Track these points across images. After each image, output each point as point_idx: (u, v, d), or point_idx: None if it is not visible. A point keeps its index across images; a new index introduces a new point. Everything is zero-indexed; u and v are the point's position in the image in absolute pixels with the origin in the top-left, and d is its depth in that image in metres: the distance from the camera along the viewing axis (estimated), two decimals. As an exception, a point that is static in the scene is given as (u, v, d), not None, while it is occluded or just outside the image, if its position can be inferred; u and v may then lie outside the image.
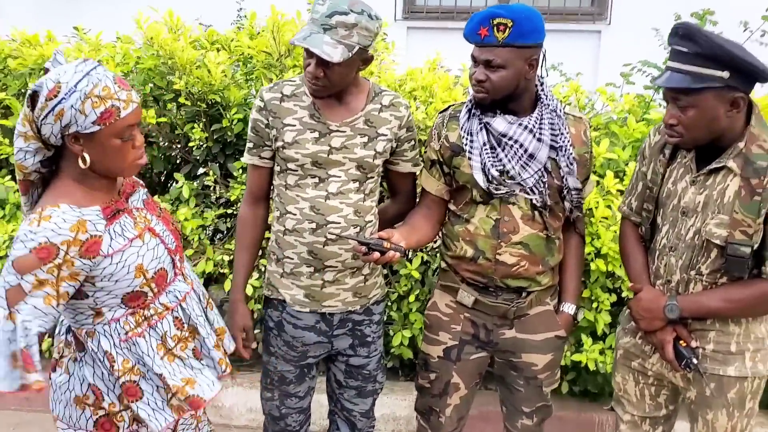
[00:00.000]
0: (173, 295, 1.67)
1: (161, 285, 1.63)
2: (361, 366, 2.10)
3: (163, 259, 1.62)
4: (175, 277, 1.68)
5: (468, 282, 2.03)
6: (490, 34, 1.81)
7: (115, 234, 1.55)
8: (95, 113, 1.44)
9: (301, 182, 1.94)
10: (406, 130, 2.02)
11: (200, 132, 2.82)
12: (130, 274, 1.55)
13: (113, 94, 1.46)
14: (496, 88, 1.85)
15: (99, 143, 1.48)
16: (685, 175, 1.84)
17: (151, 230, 1.63)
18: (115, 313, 1.59)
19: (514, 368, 2.08)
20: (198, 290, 1.78)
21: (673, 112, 1.75)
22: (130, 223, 1.59)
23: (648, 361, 1.97)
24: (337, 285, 1.98)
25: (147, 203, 1.70)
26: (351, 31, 1.78)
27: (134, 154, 1.55)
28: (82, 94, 1.43)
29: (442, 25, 5.78)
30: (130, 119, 1.50)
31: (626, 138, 2.77)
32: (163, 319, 1.64)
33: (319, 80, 1.84)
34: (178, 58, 2.76)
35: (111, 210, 1.56)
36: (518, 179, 1.91)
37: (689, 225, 1.82)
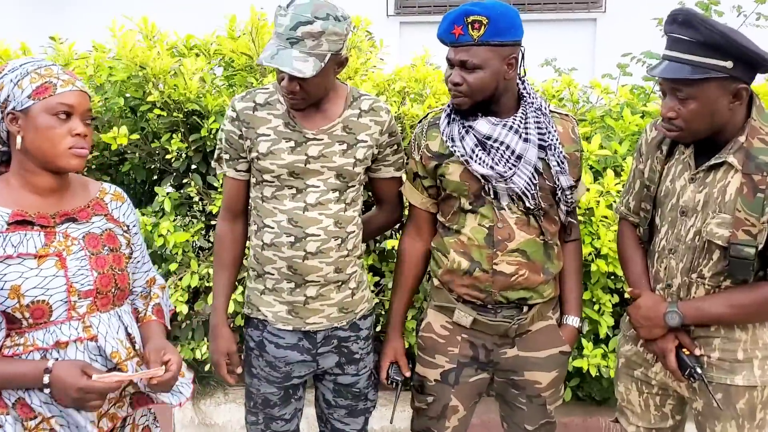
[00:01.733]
0: (50, 336, 1.47)
1: (39, 318, 1.45)
2: (350, 384, 1.99)
3: (52, 294, 1.45)
4: (68, 320, 1.48)
5: (464, 300, 1.91)
6: (465, 32, 1.71)
7: (9, 243, 1.44)
8: (31, 87, 1.44)
9: (278, 194, 1.84)
10: (389, 135, 1.91)
11: (179, 143, 2.72)
12: (3, 291, 1.42)
13: (53, 74, 1.46)
14: (474, 91, 1.75)
15: (32, 120, 1.44)
16: (684, 172, 1.73)
17: (61, 259, 1.47)
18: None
19: (516, 386, 1.97)
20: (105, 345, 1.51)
21: (672, 105, 1.63)
22: (37, 240, 1.46)
23: (651, 370, 1.86)
24: (321, 300, 1.88)
25: (91, 237, 1.54)
26: (319, 39, 1.67)
27: (70, 141, 1.45)
28: (23, 71, 1.45)
29: (436, 20, 5.65)
30: (66, 98, 1.45)
31: (622, 131, 2.65)
32: (28, 353, 1.46)
33: (296, 95, 1.74)
34: (151, 68, 2.65)
35: (22, 217, 1.45)
36: (509, 183, 1.80)
37: (689, 225, 1.71)
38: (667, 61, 1.62)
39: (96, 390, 1.41)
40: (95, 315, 1.52)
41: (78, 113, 1.47)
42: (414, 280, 2.02)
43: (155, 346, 1.60)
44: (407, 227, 2.03)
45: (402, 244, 2.03)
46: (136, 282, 1.71)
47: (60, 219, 1.51)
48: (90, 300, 1.51)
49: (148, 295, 1.75)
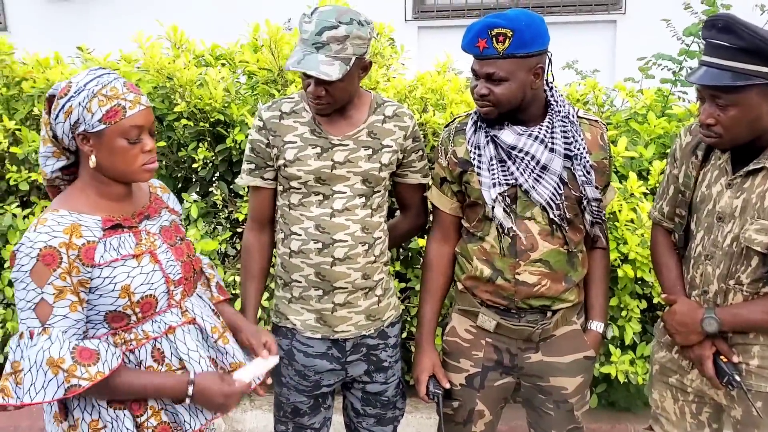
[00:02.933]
0: (158, 325, 1.58)
1: (147, 312, 1.55)
2: (378, 393, 1.99)
3: (156, 287, 1.55)
4: (168, 308, 1.60)
5: (488, 305, 1.90)
6: (489, 45, 1.68)
7: (110, 246, 1.50)
8: (101, 111, 1.46)
9: (304, 200, 1.84)
10: (413, 140, 1.92)
11: (205, 151, 2.74)
12: (114, 292, 1.49)
13: (120, 94, 1.48)
14: (500, 102, 1.73)
15: (106, 143, 1.48)
16: (720, 177, 1.71)
17: (153, 255, 1.57)
18: (97, 331, 1.53)
19: (542, 392, 1.95)
20: (205, 324, 1.66)
21: (711, 111, 1.60)
22: (131, 241, 1.55)
23: (687, 377, 1.83)
24: (349, 308, 1.88)
25: (165, 230, 1.64)
26: (344, 43, 1.69)
27: (143, 158, 1.52)
28: (90, 93, 1.46)
29: (453, 24, 5.67)
30: (137, 119, 1.49)
31: (648, 135, 2.63)
32: (142, 347, 1.56)
33: (322, 99, 1.75)
34: (177, 79, 2.68)
35: (112, 222, 1.52)
36: (532, 194, 1.79)
37: (726, 231, 1.68)
38: (705, 67, 1.59)
39: (238, 393, 1.58)
40: (187, 300, 1.64)
41: (146, 130, 1.52)
42: (443, 286, 2.01)
43: (251, 333, 1.77)
44: (433, 232, 2.02)
45: (429, 249, 2.01)
46: None
47: (139, 218, 1.59)
48: (182, 287, 1.62)
49: (201, 274, 1.80)
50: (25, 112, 3.00)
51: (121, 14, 6.02)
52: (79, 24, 6.05)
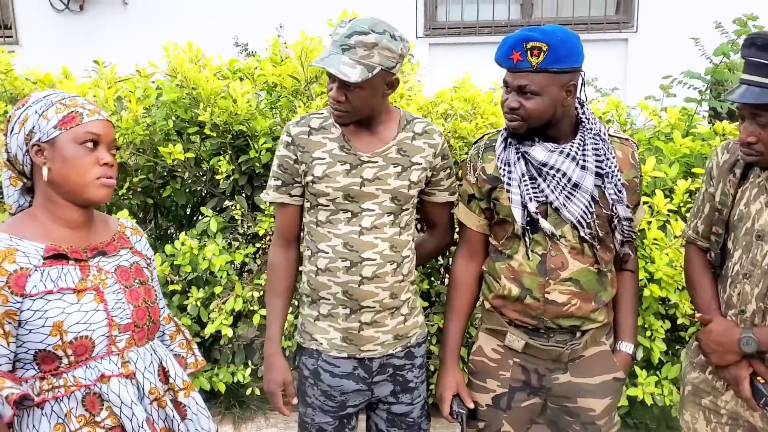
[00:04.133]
0: (92, 372, 1.41)
1: (80, 355, 1.39)
2: (404, 414, 1.95)
3: (94, 329, 1.40)
4: (107, 354, 1.43)
5: (516, 324, 1.87)
6: (524, 58, 1.67)
7: (47, 277, 1.38)
8: (57, 117, 1.41)
9: (332, 218, 1.82)
10: (441, 158, 1.89)
11: (227, 164, 2.72)
12: (45, 328, 1.35)
13: (79, 104, 1.44)
14: (531, 116, 1.71)
15: (59, 151, 1.40)
16: (760, 195, 1.68)
17: (99, 293, 1.43)
18: (26, 372, 1.39)
19: (570, 414, 1.91)
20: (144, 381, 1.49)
21: (752, 130, 1.59)
22: (74, 274, 1.42)
23: (721, 398, 1.80)
24: (376, 327, 1.85)
25: (122, 270, 1.51)
26: (371, 51, 1.67)
27: (98, 171, 1.42)
28: (48, 102, 1.43)
29: (464, 41, 5.68)
30: (94, 126, 1.43)
31: (672, 154, 2.61)
32: (71, 394, 1.40)
33: (341, 104, 1.73)
34: (202, 89, 2.67)
35: (56, 251, 1.40)
36: (563, 212, 1.76)
37: (766, 250, 1.65)
38: (745, 85, 1.58)
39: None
40: (133, 350, 1.48)
41: (104, 143, 1.44)
42: (469, 304, 1.98)
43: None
44: (460, 250, 1.99)
45: (455, 267, 1.99)
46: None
47: (91, 253, 1.47)
48: (128, 334, 1.47)
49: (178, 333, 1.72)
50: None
51: (132, 28, 6.03)
52: (91, 37, 6.06)
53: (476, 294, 1.99)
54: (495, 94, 2.90)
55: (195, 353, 1.72)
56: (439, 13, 5.82)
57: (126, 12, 6.14)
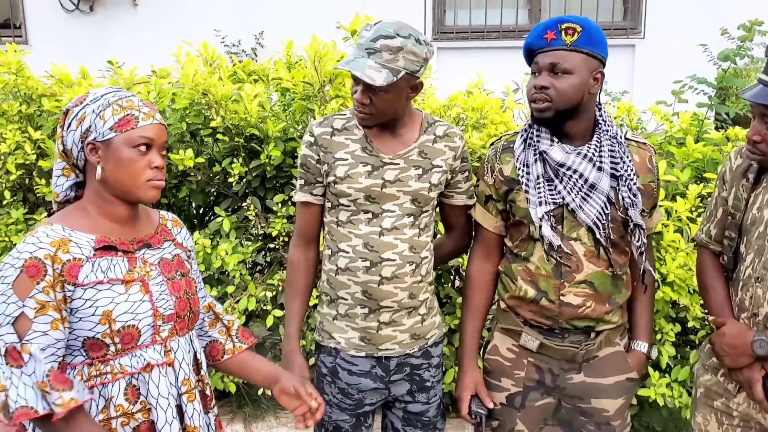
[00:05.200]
0: (137, 360, 1.47)
1: (127, 343, 1.45)
2: (420, 413, 1.98)
3: (141, 318, 1.46)
4: (152, 343, 1.50)
5: (531, 324, 1.90)
6: (558, 37, 1.71)
7: (98, 268, 1.43)
8: (114, 119, 1.45)
9: (353, 218, 1.84)
10: (461, 161, 1.92)
11: (239, 167, 2.75)
12: (95, 317, 1.41)
13: (135, 106, 1.47)
14: (560, 97, 1.71)
15: (113, 152, 1.45)
16: None
17: (144, 284, 1.49)
18: (74, 359, 1.45)
19: (583, 414, 1.93)
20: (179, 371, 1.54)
21: (759, 129, 1.63)
22: (122, 266, 1.47)
23: (733, 400, 1.82)
24: (394, 326, 1.87)
25: (165, 263, 1.56)
26: (396, 55, 1.70)
27: (149, 173, 1.47)
28: (105, 102, 1.46)
29: (472, 45, 5.71)
30: (148, 131, 1.46)
31: (684, 159, 2.63)
32: (116, 381, 1.45)
33: (365, 107, 1.75)
34: (213, 94, 2.69)
35: (106, 243, 1.46)
36: (579, 213, 1.78)
37: None
38: (761, 85, 1.62)
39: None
40: (174, 339, 1.54)
41: (157, 146, 1.49)
42: (485, 304, 2.00)
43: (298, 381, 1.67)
44: (475, 250, 2.01)
45: (471, 266, 2.01)
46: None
47: (137, 245, 1.53)
48: (171, 324, 1.52)
49: (217, 321, 1.74)
50: (51, 127, 3.01)
51: (142, 28, 6.07)
52: (100, 37, 6.10)
53: (492, 293, 2.01)
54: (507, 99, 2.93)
55: (233, 339, 1.74)
56: (447, 18, 5.86)
57: (136, 13, 6.18)
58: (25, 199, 3.07)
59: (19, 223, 2.95)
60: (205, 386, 1.63)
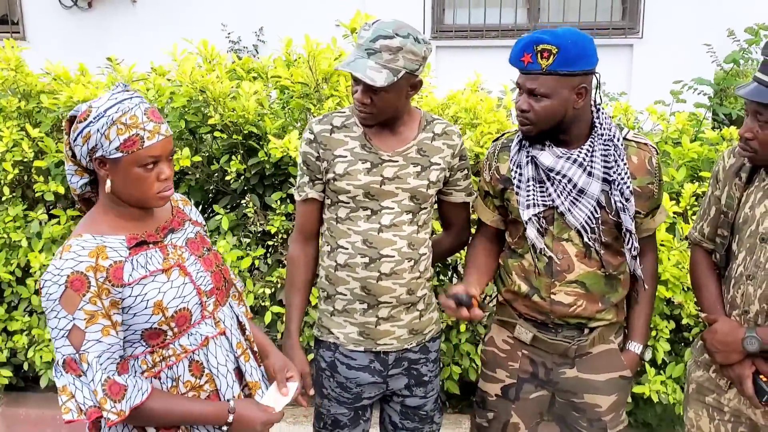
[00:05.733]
0: (195, 338, 1.58)
1: (182, 325, 1.55)
2: (417, 407, 2.00)
3: (189, 300, 1.55)
4: (202, 319, 1.60)
5: (526, 318, 1.93)
6: (534, 60, 1.70)
7: (138, 264, 1.50)
8: (119, 140, 1.45)
9: (352, 215, 1.86)
10: (459, 158, 1.94)
11: (237, 164, 2.76)
12: (148, 309, 1.49)
13: (140, 124, 1.47)
14: (540, 119, 1.74)
15: (122, 170, 1.48)
16: (764, 199, 1.73)
17: (182, 268, 1.57)
18: (135, 350, 1.53)
19: (576, 409, 1.96)
20: (231, 337, 1.66)
21: (751, 126, 1.66)
22: (158, 256, 1.55)
23: (724, 396, 1.85)
24: (392, 322, 1.90)
25: (191, 242, 1.64)
26: (396, 55, 1.71)
27: (158, 186, 1.51)
28: (109, 120, 1.45)
29: (471, 44, 5.73)
30: (154, 150, 1.48)
31: (680, 159, 2.66)
32: (180, 362, 1.56)
33: (366, 107, 1.77)
34: (211, 92, 2.71)
35: (137, 239, 1.52)
36: (568, 217, 1.80)
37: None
38: (756, 83, 1.64)
39: (275, 421, 1.60)
40: (220, 310, 1.65)
41: (164, 159, 1.52)
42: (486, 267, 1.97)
43: (278, 365, 1.76)
44: (477, 235, 2.06)
45: (473, 243, 2.06)
46: None
47: (163, 233, 1.59)
48: (214, 297, 1.63)
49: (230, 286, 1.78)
50: (49, 124, 3.01)
51: (141, 25, 6.08)
52: (99, 34, 6.10)
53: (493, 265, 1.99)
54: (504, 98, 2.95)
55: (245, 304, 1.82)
56: (446, 17, 5.88)
57: (134, 10, 6.19)
58: (24, 195, 3.09)
59: (18, 219, 2.96)
60: (252, 344, 1.74)
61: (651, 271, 1.98)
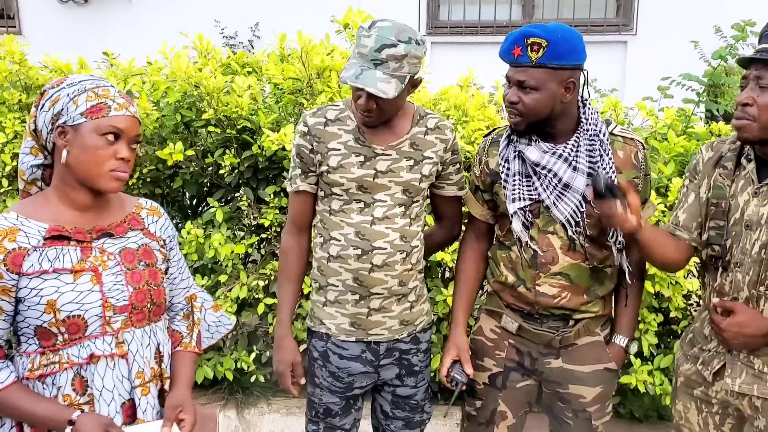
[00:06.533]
0: (84, 351, 1.47)
1: (74, 333, 1.45)
2: (408, 396, 2.04)
3: (88, 309, 1.45)
4: (102, 335, 1.49)
5: (512, 308, 1.97)
6: (524, 53, 1.74)
7: (45, 258, 1.44)
8: (86, 105, 1.46)
9: (345, 207, 1.89)
10: (452, 153, 1.97)
11: (231, 158, 2.79)
12: (40, 306, 1.43)
13: (110, 96, 1.48)
14: (529, 111, 1.78)
15: (81, 138, 1.45)
16: (747, 187, 1.77)
17: (97, 274, 1.48)
18: (28, 347, 1.48)
19: (562, 400, 2.00)
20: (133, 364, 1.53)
21: (751, 92, 1.67)
22: (73, 255, 1.47)
23: (711, 388, 1.88)
24: (383, 313, 1.93)
25: (127, 252, 1.55)
26: (401, 62, 1.73)
27: (113, 164, 1.46)
28: (81, 88, 1.47)
29: (466, 40, 5.75)
30: (118, 121, 1.46)
31: (667, 153, 2.69)
32: (64, 371, 1.46)
33: (372, 112, 1.79)
34: (205, 87, 2.73)
35: (59, 232, 1.46)
36: (553, 210, 1.84)
37: (754, 239, 1.74)
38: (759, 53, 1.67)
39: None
40: (129, 330, 1.53)
41: (126, 137, 1.48)
42: (474, 281, 2.05)
43: (173, 403, 1.58)
44: (468, 231, 2.09)
45: (463, 244, 2.09)
46: (174, 299, 1.73)
47: (96, 234, 1.52)
48: (125, 315, 1.51)
49: (191, 316, 1.74)
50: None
51: (137, 19, 6.08)
52: (95, 29, 6.10)
53: (483, 269, 2.06)
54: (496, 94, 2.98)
55: (193, 337, 1.72)
56: (441, 13, 5.89)
57: (131, 5, 6.19)
58: (22, 187, 3.11)
59: (15, 211, 2.98)
60: (164, 380, 1.61)
61: (638, 265, 2.00)
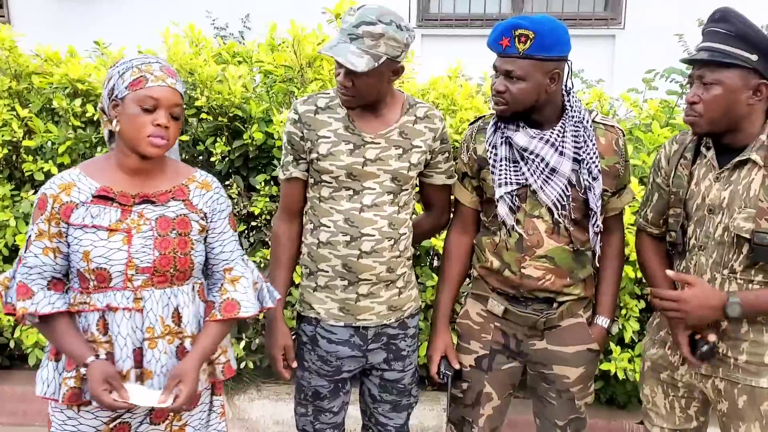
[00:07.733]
0: (107, 299, 1.67)
1: (101, 282, 1.66)
2: (396, 380, 2.08)
3: (114, 264, 1.65)
4: (123, 289, 1.67)
5: (498, 292, 2.02)
6: (512, 44, 1.80)
7: (89, 213, 1.65)
8: (129, 79, 1.64)
9: (335, 194, 1.93)
10: (441, 142, 2.01)
11: (222, 146, 2.82)
12: (78, 253, 1.64)
13: (150, 69, 1.65)
14: (515, 100, 1.85)
15: (125, 108, 1.63)
16: (708, 173, 1.84)
17: (129, 235, 1.66)
18: (73, 284, 1.71)
19: (546, 380, 2.06)
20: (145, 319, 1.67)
21: (696, 91, 1.77)
22: (113, 215, 1.66)
23: (677, 372, 1.94)
24: (372, 298, 1.97)
25: (163, 220, 1.70)
26: (378, 41, 1.78)
27: (150, 130, 1.62)
28: (130, 65, 1.66)
29: (457, 33, 5.78)
30: (153, 92, 1.62)
31: (651, 144, 2.75)
32: (91, 313, 1.68)
33: (348, 90, 1.84)
34: (198, 75, 2.76)
35: (106, 193, 1.66)
36: (540, 194, 1.90)
37: (717, 222, 1.80)
38: (701, 51, 1.77)
39: (103, 403, 1.62)
40: (149, 290, 1.69)
41: (164, 107, 1.64)
42: (460, 274, 2.12)
43: (175, 373, 1.68)
44: (454, 223, 2.13)
45: (449, 239, 2.13)
46: (213, 268, 1.82)
47: (139, 199, 1.69)
48: (146, 276, 1.68)
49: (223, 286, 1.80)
50: (39, 105, 3.05)
51: (128, 10, 6.05)
52: (85, 18, 6.07)
53: (467, 265, 2.12)
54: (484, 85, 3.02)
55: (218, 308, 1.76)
56: (432, 5, 5.92)
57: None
58: (11, 176, 3.13)
59: (6, 199, 3.00)
60: (185, 338, 1.74)
61: (617, 249, 2.08)
